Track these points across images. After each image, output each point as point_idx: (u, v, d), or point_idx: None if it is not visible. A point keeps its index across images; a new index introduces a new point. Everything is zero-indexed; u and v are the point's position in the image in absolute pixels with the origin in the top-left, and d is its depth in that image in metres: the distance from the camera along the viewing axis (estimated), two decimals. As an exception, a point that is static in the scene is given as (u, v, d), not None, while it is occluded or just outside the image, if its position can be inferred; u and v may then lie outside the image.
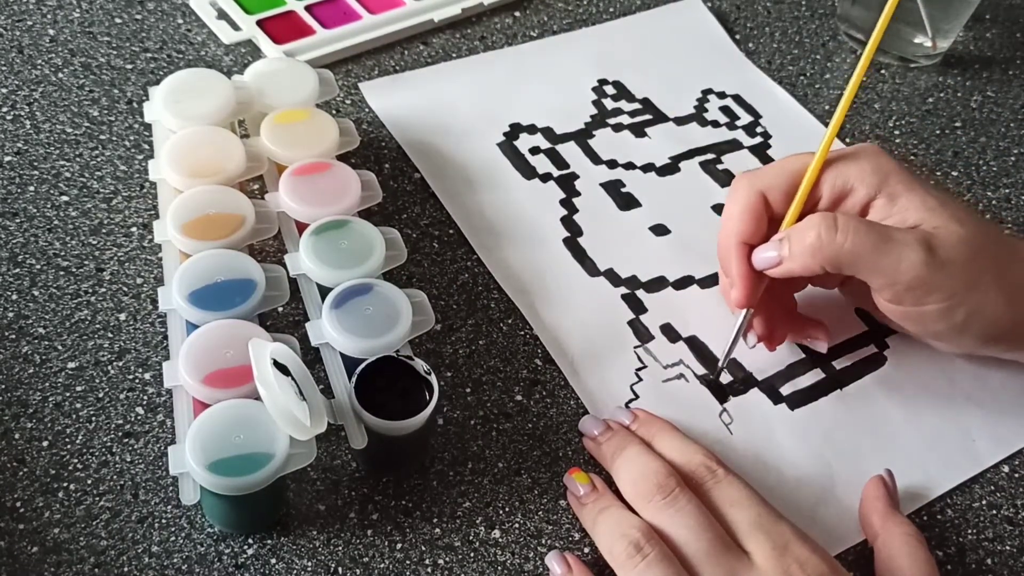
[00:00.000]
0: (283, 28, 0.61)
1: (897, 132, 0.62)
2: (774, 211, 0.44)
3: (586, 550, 0.41)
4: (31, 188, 0.50)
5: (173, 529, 0.39)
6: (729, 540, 0.38)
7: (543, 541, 0.41)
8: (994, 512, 0.44)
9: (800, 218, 0.43)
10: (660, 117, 0.60)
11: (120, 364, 0.44)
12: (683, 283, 0.51)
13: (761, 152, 0.59)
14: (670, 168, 0.57)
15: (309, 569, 0.39)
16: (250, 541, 0.39)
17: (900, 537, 0.40)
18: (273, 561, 0.39)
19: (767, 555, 0.37)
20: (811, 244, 0.41)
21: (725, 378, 0.47)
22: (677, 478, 0.39)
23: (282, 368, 0.37)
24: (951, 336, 0.43)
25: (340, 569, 0.39)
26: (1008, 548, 0.43)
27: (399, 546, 0.40)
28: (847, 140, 0.61)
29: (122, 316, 0.46)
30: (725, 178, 0.57)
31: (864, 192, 0.43)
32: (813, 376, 0.48)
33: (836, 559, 0.39)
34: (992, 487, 0.45)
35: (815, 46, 0.68)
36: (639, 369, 0.47)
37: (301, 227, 0.45)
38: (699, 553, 0.37)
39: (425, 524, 0.40)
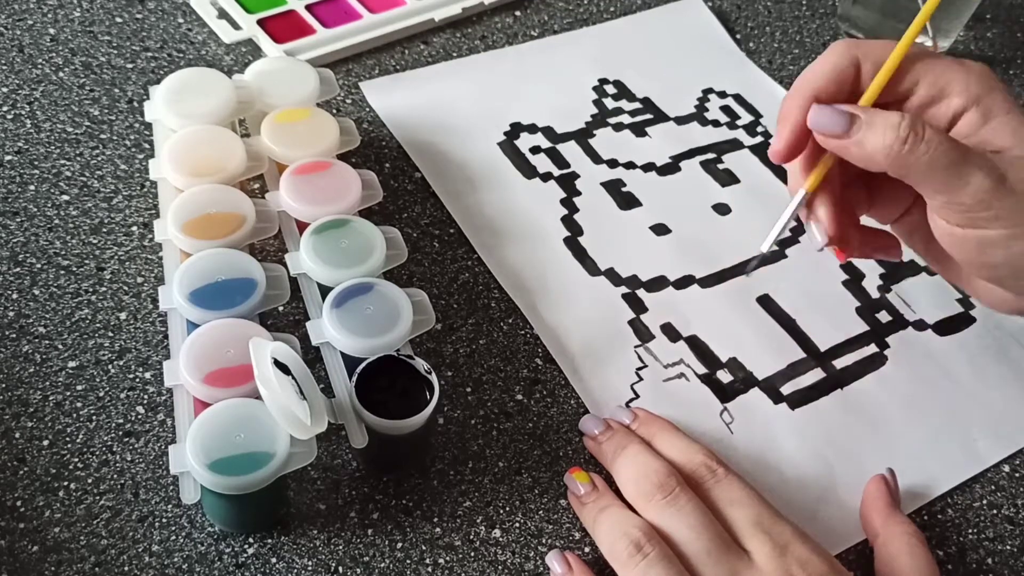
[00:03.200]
0: (284, 27, 0.61)
1: (898, 132, 0.62)
2: (863, 84, 0.40)
3: (586, 549, 0.41)
4: (32, 187, 0.50)
5: (174, 528, 0.39)
6: (730, 539, 0.38)
7: (543, 540, 0.41)
8: (995, 512, 0.44)
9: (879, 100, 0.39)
10: (661, 116, 0.60)
11: (121, 363, 0.44)
12: (684, 282, 0.51)
13: (762, 152, 0.59)
14: (671, 167, 0.57)
15: (309, 568, 0.39)
16: (251, 540, 0.39)
17: (901, 537, 0.40)
18: (274, 560, 0.39)
19: (768, 555, 0.37)
20: (888, 146, 0.37)
21: (725, 378, 0.47)
22: (678, 477, 0.39)
23: (283, 367, 0.37)
24: (1007, 272, 0.39)
25: (341, 568, 0.39)
26: (1009, 548, 0.43)
27: (400, 545, 0.40)
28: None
29: (123, 315, 0.46)
30: (726, 178, 0.57)
31: (960, 101, 0.39)
32: (813, 376, 0.48)
33: (836, 559, 0.39)
34: (993, 487, 0.45)
35: (816, 46, 0.68)
36: (640, 368, 0.47)
37: (302, 226, 0.45)
38: (700, 552, 0.37)
39: (426, 523, 0.40)
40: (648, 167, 0.57)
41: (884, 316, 0.51)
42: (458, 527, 0.41)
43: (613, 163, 0.57)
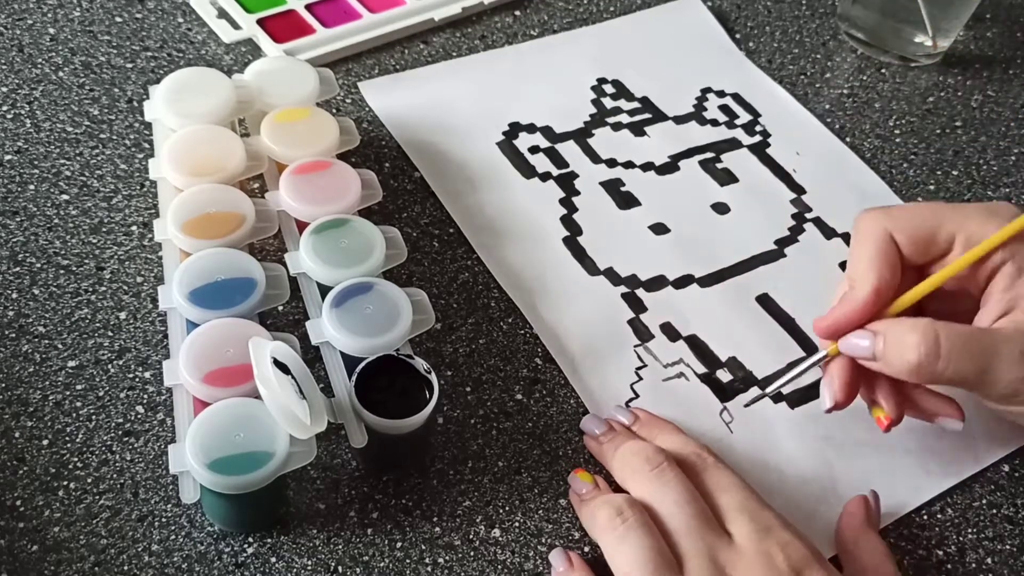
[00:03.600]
0: (283, 27, 0.61)
1: (897, 131, 0.62)
2: (905, 256, 0.41)
3: (586, 549, 0.41)
4: (31, 187, 0.50)
5: (173, 528, 0.39)
6: (712, 518, 0.38)
7: (543, 540, 0.41)
8: (994, 511, 0.44)
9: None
10: (659, 116, 0.60)
11: (120, 363, 0.44)
12: (683, 282, 0.51)
13: (760, 151, 0.59)
14: (669, 167, 0.57)
15: (309, 568, 0.39)
16: (250, 540, 0.39)
17: (871, 553, 0.40)
18: (273, 560, 0.39)
19: (749, 536, 0.37)
20: (910, 365, 0.38)
21: (725, 377, 0.47)
22: (666, 454, 0.39)
23: (282, 367, 0.37)
24: None
25: (340, 568, 0.39)
26: (1008, 547, 0.43)
27: (399, 545, 0.40)
28: (847, 140, 0.61)
29: (122, 315, 0.46)
30: (724, 177, 0.57)
31: (999, 256, 0.40)
32: (813, 374, 0.48)
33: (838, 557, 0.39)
34: (992, 486, 0.45)
35: (815, 45, 0.68)
36: (639, 368, 0.47)
37: (301, 226, 0.45)
38: (681, 526, 0.37)
39: (425, 523, 0.41)
40: (647, 166, 0.57)
41: (883, 315, 0.51)
42: (458, 527, 0.41)
43: (612, 163, 0.57)
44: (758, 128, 0.61)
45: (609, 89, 0.62)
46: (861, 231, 0.42)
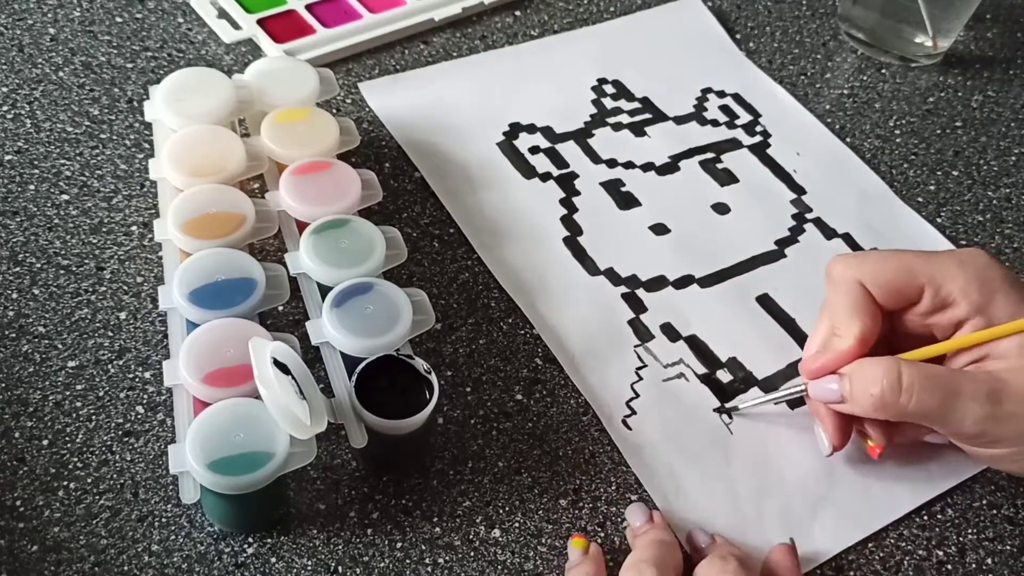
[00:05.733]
0: (284, 27, 0.61)
1: (898, 132, 0.62)
2: (879, 300, 0.42)
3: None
4: (31, 187, 0.50)
5: (173, 528, 0.39)
6: None
7: (543, 540, 0.41)
8: (994, 512, 0.44)
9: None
10: (660, 116, 0.60)
11: (120, 363, 0.44)
12: (683, 282, 0.51)
13: (760, 151, 0.59)
14: (670, 167, 0.57)
15: (309, 568, 0.39)
16: (250, 540, 0.39)
17: None
18: (273, 560, 0.39)
19: None
20: (874, 401, 0.39)
21: (725, 377, 0.47)
22: None
23: (282, 367, 0.37)
24: None
25: (340, 568, 0.39)
26: (1008, 548, 0.43)
27: (399, 545, 0.40)
28: (847, 140, 0.61)
29: (122, 315, 0.46)
30: (725, 177, 0.57)
31: (965, 310, 0.40)
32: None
33: (837, 557, 0.39)
34: (992, 487, 0.45)
35: (816, 45, 0.68)
36: (639, 368, 0.47)
37: (301, 226, 0.45)
38: None
39: (425, 523, 0.41)
40: (647, 167, 0.57)
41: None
42: (458, 527, 0.41)
43: (612, 163, 0.57)
44: (758, 128, 0.61)
45: (609, 89, 0.62)
46: (835, 279, 0.42)
